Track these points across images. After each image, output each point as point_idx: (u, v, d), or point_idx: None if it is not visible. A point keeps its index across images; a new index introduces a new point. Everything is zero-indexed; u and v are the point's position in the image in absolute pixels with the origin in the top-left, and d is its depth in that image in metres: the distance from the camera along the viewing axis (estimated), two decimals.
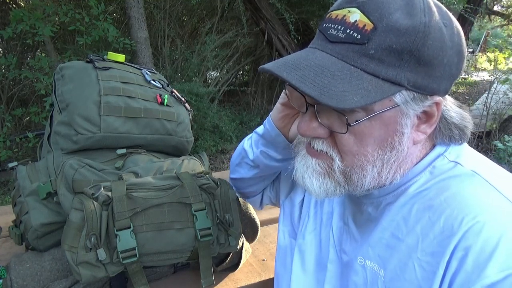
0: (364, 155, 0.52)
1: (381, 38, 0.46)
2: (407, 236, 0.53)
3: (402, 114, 0.50)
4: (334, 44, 0.50)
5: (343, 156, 0.53)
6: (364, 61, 0.47)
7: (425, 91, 0.49)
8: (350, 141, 0.51)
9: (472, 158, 0.56)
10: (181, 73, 4.87)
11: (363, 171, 0.53)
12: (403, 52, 0.46)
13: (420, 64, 0.47)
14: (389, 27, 0.46)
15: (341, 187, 0.56)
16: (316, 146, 0.55)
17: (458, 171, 0.53)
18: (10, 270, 0.76)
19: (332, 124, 0.52)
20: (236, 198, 0.85)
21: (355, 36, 0.48)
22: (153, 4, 5.01)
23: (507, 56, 5.75)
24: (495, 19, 12.40)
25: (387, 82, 0.47)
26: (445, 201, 0.51)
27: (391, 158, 0.53)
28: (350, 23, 0.48)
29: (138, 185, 0.77)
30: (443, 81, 0.50)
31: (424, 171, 0.56)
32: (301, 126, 0.54)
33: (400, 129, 0.51)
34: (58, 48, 4.22)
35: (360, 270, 0.59)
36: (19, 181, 0.87)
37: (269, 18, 4.99)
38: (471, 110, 7.02)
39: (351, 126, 0.49)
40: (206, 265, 0.80)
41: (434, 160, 0.56)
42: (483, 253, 0.45)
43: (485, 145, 4.83)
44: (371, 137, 0.51)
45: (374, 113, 0.49)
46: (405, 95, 0.49)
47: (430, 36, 0.47)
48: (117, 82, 0.92)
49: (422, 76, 0.48)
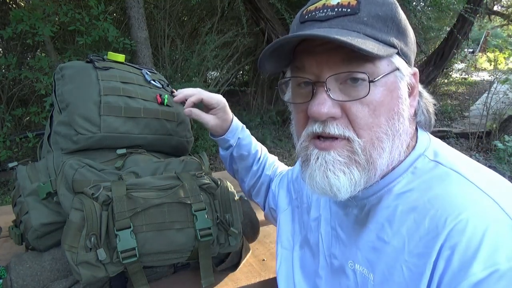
0: (379, 126, 0.52)
1: (368, 8, 0.51)
2: (393, 238, 0.54)
3: (399, 80, 0.53)
4: (327, 21, 0.52)
5: (359, 132, 0.52)
6: (361, 27, 0.51)
7: (407, 60, 0.55)
8: (365, 112, 0.51)
9: (450, 155, 0.57)
10: (181, 73, 4.87)
11: (381, 143, 0.53)
12: (387, 19, 0.52)
13: (400, 32, 0.53)
14: (369, 0, 0.52)
15: (365, 173, 0.53)
16: (332, 130, 0.52)
17: (439, 170, 0.54)
18: (10, 270, 0.76)
19: (343, 96, 0.52)
20: (236, 198, 0.85)
21: (345, 11, 0.51)
22: (153, 4, 5.01)
23: (507, 56, 5.76)
24: (495, 19, 12.40)
25: (385, 44, 0.51)
26: (429, 202, 0.51)
27: (400, 128, 0.54)
28: (333, 5, 0.52)
29: (138, 185, 0.77)
30: (412, 54, 0.56)
31: (406, 172, 0.56)
32: (316, 108, 0.52)
33: (401, 95, 0.54)
34: (58, 48, 4.21)
35: (351, 275, 0.59)
36: (19, 181, 0.87)
37: (269, 18, 4.99)
38: (471, 110, 7.06)
39: (375, 80, 0.50)
40: (206, 265, 0.80)
41: (415, 160, 0.57)
42: (468, 251, 0.45)
43: (485, 145, 4.83)
44: (382, 105, 0.52)
45: (381, 75, 0.51)
46: (399, 60, 0.53)
47: (399, 8, 0.54)
48: (117, 82, 0.92)
49: (404, 44, 0.54)
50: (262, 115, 5.93)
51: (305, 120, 0.56)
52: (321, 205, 0.71)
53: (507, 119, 4.86)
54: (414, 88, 0.57)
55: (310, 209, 0.74)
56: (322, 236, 0.68)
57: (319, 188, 0.55)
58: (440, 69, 7.09)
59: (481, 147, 4.83)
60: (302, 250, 0.74)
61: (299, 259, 0.74)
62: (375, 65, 0.51)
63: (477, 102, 7.44)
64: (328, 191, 0.54)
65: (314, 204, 0.73)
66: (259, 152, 0.96)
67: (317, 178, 0.54)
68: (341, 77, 0.52)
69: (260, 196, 0.97)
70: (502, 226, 0.45)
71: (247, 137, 0.95)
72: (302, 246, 0.74)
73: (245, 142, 0.94)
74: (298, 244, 0.75)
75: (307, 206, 0.76)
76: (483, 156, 4.46)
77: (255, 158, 0.96)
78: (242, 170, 0.97)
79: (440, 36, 7.79)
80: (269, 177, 0.96)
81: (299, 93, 0.57)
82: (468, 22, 6.06)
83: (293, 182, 0.86)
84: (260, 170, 0.96)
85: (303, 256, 0.73)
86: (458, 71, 9.61)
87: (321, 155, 0.54)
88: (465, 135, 5.11)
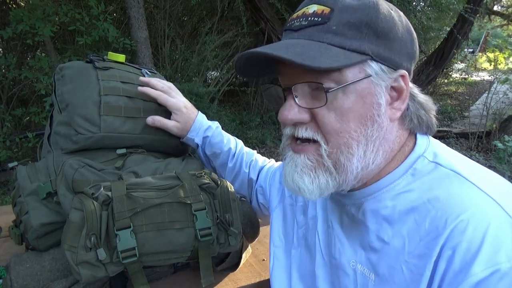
0: (348, 131, 0.53)
1: (340, 16, 0.52)
2: (393, 239, 0.54)
3: (375, 86, 0.53)
4: (299, 31, 0.54)
5: (327, 137, 0.54)
6: (329, 37, 0.51)
7: (390, 63, 0.54)
8: (331, 118, 0.52)
9: (449, 156, 0.57)
10: (181, 73, 4.87)
11: (349, 149, 0.53)
12: (361, 25, 0.52)
13: (378, 36, 0.52)
14: (344, 7, 0.52)
15: (333, 178, 0.55)
16: (301, 133, 0.55)
17: (439, 172, 0.54)
18: (10, 270, 0.76)
19: (311, 102, 0.54)
20: (236, 198, 0.85)
21: (316, 20, 0.52)
22: (153, 4, 5.01)
23: (507, 56, 5.76)
24: (495, 19, 12.40)
25: (353, 52, 0.51)
26: (429, 203, 0.51)
27: (373, 133, 0.54)
28: (309, 13, 0.53)
29: (138, 185, 0.77)
30: (402, 57, 0.55)
31: (406, 173, 0.57)
32: (283, 114, 0.55)
33: (376, 101, 0.53)
34: (58, 48, 4.22)
35: (351, 273, 0.60)
36: (19, 181, 0.87)
37: (269, 18, 4.99)
38: (471, 110, 7.05)
39: (329, 92, 0.51)
40: (206, 265, 0.80)
41: (414, 162, 0.57)
42: (469, 251, 0.45)
43: (485, 145, 4.83)
44: (351, 112, 0.52)
45: (347, 83, 0.51)
46: (373, 66, 0.52)
47: (381, 11, 0.53)
48: (117, 82, 0.92)
49: (383, 48, 0.53)
50: (262, 115, 5.93)
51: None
52: (317, 203, 0.71)
53: (507, 119, 4.86)
54: (402, 91, 0.55)
55: (307, 208, 0.74)
56: (319, 234, 0.68)
57: (290, 187, 0.58)
58: (440, 69, 7.10)
59: (481, 147, 4.83)
60: (297, 249, 0.74)
61: (294, 258, 0.74)
62: (341, 73, 0.51)
63: (477, 102, 7.44)
64: (297, 192, 0.57)
65: (311, 202, 0.73)
66: (232, 149, 0.97)
67: (288, 179, 0.58)
68: (307, 85, 0.53)
69: (243, 191, 0.99)
70: (503, 226, 0.46)
71: (218, 135, 0.96)
72: (297, 245, 0.74)
73: (215, 140, 0.95)
74: (292, 242, 0.75)
75: (303, 204, 0.76)
76: (483, 156, 4.46)
77: (228, 155, 0.97)
78: (219, 167, 0.99)
79: (440, 36, 7.79)
80: (247, 174, 0.97)
81: (274, 95, 0.61)
82: (468, 22, 6.07)
83: None
84: (237, 166, 0.97)
85: (298, 255, 0.73)
86: (458, 71, 9.62)
87: (293, 158, 0.57)
88: (465, 135, 5.11)
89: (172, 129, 0.92)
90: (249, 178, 0.97)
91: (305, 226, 0.73)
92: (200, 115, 0.97)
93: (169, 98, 0.92)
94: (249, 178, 0.97)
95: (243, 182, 0.98)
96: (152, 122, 0.90)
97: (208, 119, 0.99)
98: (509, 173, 3.51)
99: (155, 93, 0.92)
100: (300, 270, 0.72)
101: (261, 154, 1.04)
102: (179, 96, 0.96)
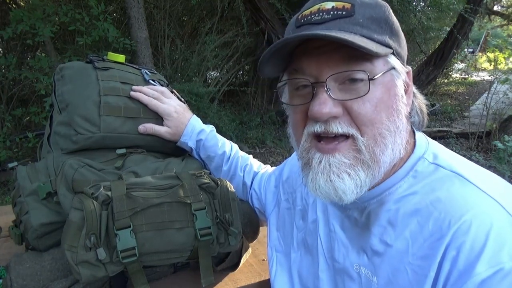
0: (381, 121, 0.53)
1: (362, 10, 0.53)
2: (396, 241, 0.54)
3: (396, 79, 0.55)
4: (324, 23, 0.53)
5: (362, 129, 0.52)
6: (358, 29, 0.52)
7: (402, 60, 0.56)
8: (367, 108, 0.52)
9: (448, 158, 0.57)
10: (181, 73, 4.87)
11: (384, 139, 0.53)
12: (381, 20, 0.53)
13: (393, 33, 0.55)
14: (363, 3, 0.53)
15: (369, 173, 0.53)
16: (336, 128, 0.52)
17: (440, 173, 0.55)
18: (10, 270, 0.76)
19: (343, 95, 0.53)
20: (236, 198, 0.85)
21: (341, 13, 0.52)
22: (153, 4, 5.01)
23: (507, 56, 5.76)
24: (495, 19, 12.40)
25: (381, 44, 0.53)
26: (432, 205, 0.52)
27: (399, 125, 0.54)
28: (328, 9, 0.53)
29: (138, 185, 0.77)
30: (405, 55, 0.58)
31: (407, 176, 0.57)
32: (318, 109, 0.52)
33: (398, 92, 0.55)
34: (58, 48, 4.22)
35: (356, 277, 0.60)
36: (19, 181, 0.87)
37: (269, 18, 4.99)
38: (471, 110, 7.04)
39: (374, 79, 0.51)
40: (206, 265, 0.80)
41: (415, 163, 0.57)
42: (473, 251, 0.45)
43: (485, 145, 4.83)
44: (382, 102, 0.53)
45: (382, 72, 0.53)
46: (394, 60, 0.54)
47: (391, 11, 0.56)
48: (117, 82, 0.92)
49: (397, 44, 0.56)
50: (262, 115, 5.93)
51: (303, 121, 0.57)
52: (317, 207, 0.71)
53: (507, 119, 4.86)
54: (409, 86, 0.58)
55: (306, 212, 0.74)
56: (321, 238, 0.68)
57: (322, 192, 0.54)
58: (440, 69, 7.09)
59: (481, 147, 4.83)
60: (297, 252, 0.74)
61: (294, 261, 0.74)
62: (373, 64, 0.52)
63: (477, 102, 7.44)
64: (332, 195, 0.53)
65: (311, 206, 0.73)
66: (227, 153, 0.97)
67: (320, 182, 0.53)
68: (341, 77, 0.52)
69: (238, 194, 0.97)
70: (505, 226, 0.46)
71: (213, 139, 0.96)
72: (296, 248, 0.74)
73: (209, 144, 0.95)
74: (292, 246, 0.75)
75: (302, 208, 0.76)
76: (483, 156, 4.45)
77: (223, 158, 0.97)
78: (214, 171, 0.99)
79: (440, 36, 7.79)
80: (242, 178, 0.97)
81: (297, 95, 0.57)
82: (468, 22, 6.07)
83: (283, 183, 0.85)
84: (232, 170, 0.97)
85: (299, 258, 0.73)
86: (458, 71, 9.62)
87: (325, 158, 0.54)
88: (465, 135, 5.11)
89: (165, 135, 0.92)
90: (243, 182, 0.97)
91: (304, 230, 0.73)
92: (194, 118, 0.97)
93: (160, 104, 0.92)
94: (244, 182, 0.97)
95: (238, 185, 0.98)
96: (144, 130, 0.90)
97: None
98: (509, 173, 3.51)
99: (146, 99, 0.91)
100: (301, 273, 0.72)
101: (261, 154, 1.05)
102: (171, 101, 0.95)
